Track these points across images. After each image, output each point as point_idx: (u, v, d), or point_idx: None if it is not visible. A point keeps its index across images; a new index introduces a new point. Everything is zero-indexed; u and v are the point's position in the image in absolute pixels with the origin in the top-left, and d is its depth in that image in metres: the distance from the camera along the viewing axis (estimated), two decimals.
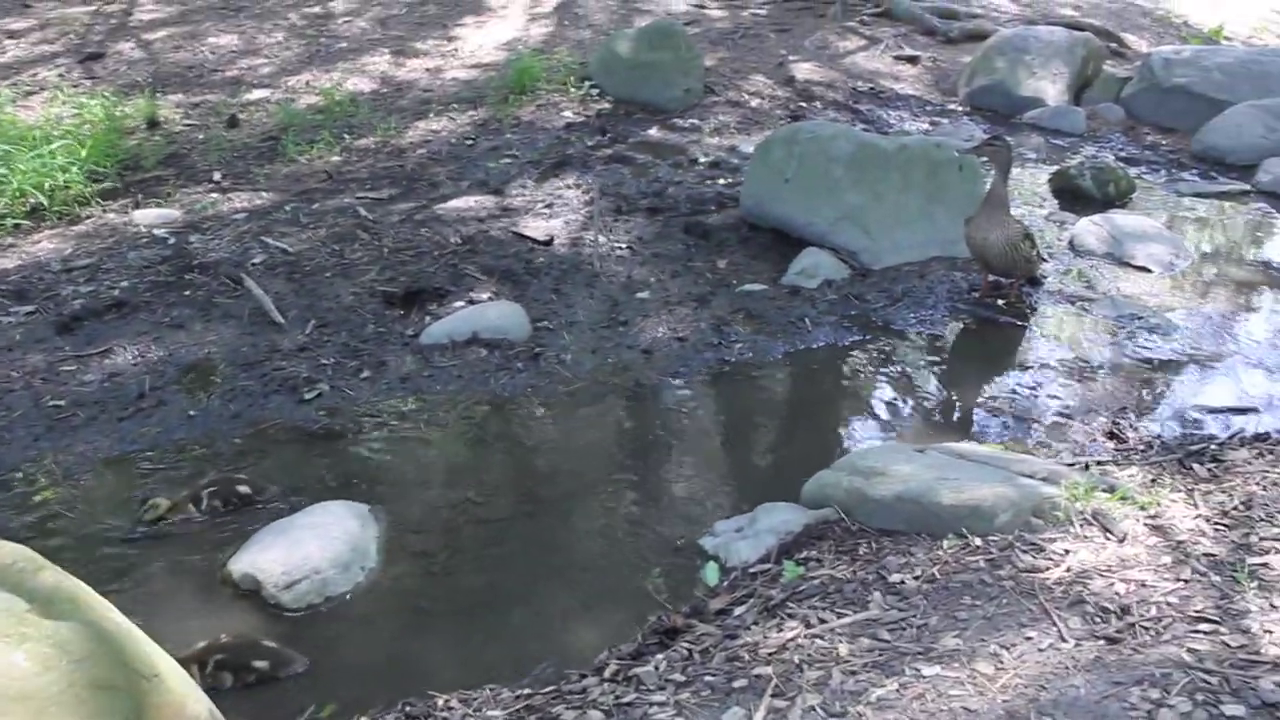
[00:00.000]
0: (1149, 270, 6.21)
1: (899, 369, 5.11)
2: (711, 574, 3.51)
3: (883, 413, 4.75)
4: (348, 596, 3.50)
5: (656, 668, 2.98)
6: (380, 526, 3.80)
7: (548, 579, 3.63)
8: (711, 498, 4.05)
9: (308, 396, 4.61)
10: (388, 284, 5.48)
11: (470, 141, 7.57)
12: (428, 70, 9.13)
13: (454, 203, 6.46)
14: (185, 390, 4.66)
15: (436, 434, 4.43)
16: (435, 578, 3.63)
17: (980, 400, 4.84)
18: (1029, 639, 2.75)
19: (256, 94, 8.41)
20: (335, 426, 4.44)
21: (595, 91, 8.60)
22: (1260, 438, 4.42)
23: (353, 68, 9.08)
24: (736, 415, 4.72)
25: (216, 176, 6.86)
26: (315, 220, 6.15)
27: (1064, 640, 2.72)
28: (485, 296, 5.40)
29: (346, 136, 7.54)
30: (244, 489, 3.92)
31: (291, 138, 7.33)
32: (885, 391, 4.91)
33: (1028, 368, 5.10)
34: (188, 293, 5.37)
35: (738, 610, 3.26)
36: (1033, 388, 4.92)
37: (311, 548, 3.51)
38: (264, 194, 6.58)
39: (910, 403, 4.82)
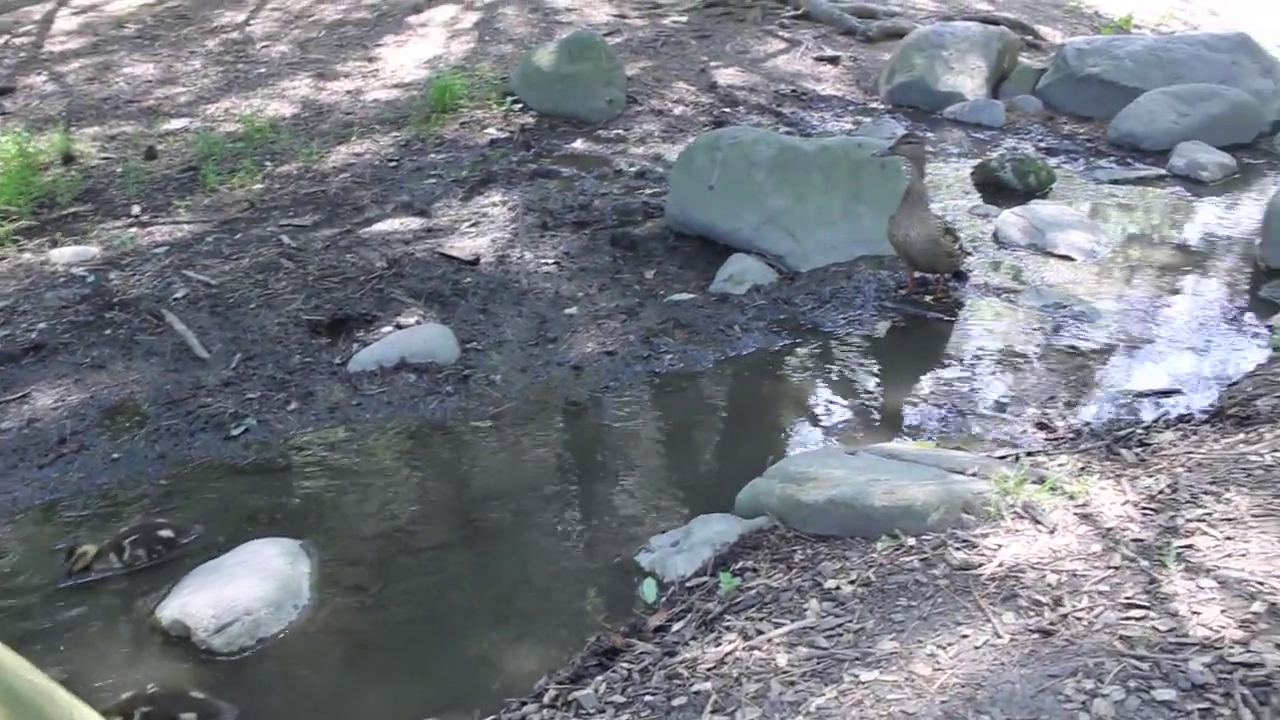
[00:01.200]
0: (1072, 259, 6.29)
1: (830, 371, 5.13)
2: (649, 590, 3.50)
3: (815, 416, 4.76)
4: (281, 636, 3.44)
5: (596, 690, 2.97)
6: (312, 562, 3.74)
7: (485, 605, 3.59)
8: (647, 513, 4.04)
9: (234, 432, 4.53)
10: (313, 312, 5.41)
11: (394, 163, 7.51)
12: (349, 92, 9.05)
13: (379, 226, 6.40)
14: (108, 433, 4.56)
15: (367, 463, 4.37)
16: (370, 611, 3.58)
17: (911, 398, 4.87)
18: (965, 637, 2.77)
19: (175, 124, 8.29)
20: (264, 461, 4.37)
21: (518, 106, 8.57)
22: (1184, 419, 4.50)
23: (273, 93, 8.98)
24: (669, 427, 4.71)
25: (135, 210, 6.73)
26: (238, 250, 6.07)
27: (999, 636, 2.74)
28: (412, 320, 5.35)
29: (268, 163, 7.45)
30: (166, 533, 3.84)
31: (212, 167, 7.23)
32: (817, 395, 4.92)
33: (957, 362, 5.14)
34: (108, 332, 5.27)
35: (676, 626, 3.25)
36: (962, 382, 4.96)
37: (241, 588, 3.45)
38: (185, 226, 6.47)
39: (842, 405, 4.84)
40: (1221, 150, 8.19)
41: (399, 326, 5.30)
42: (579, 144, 8.03)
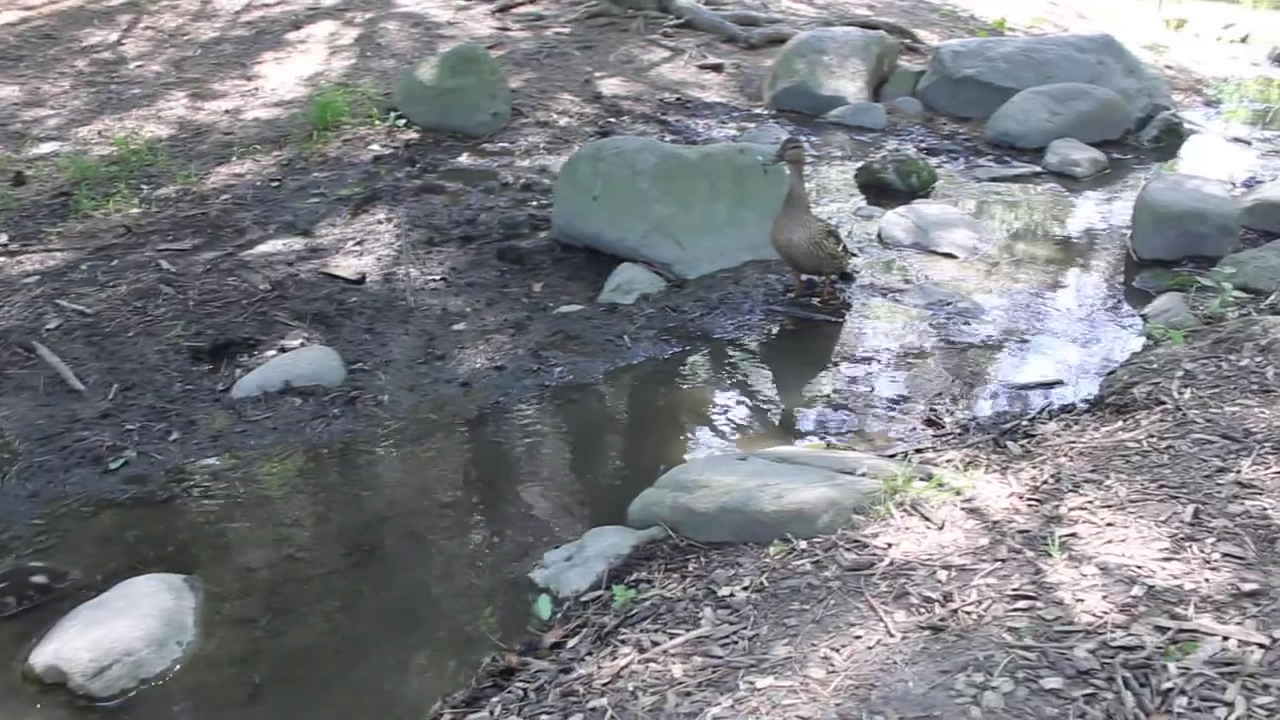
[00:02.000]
0: (955, 256, 6.43)
1: (720, 377, 5.14)
2: (544, 607, 3.45)
3: (707, 423, 4.77)
4: (165, 676, 3.30)
5: (491, 712, 2.92)
6: (198, 597, 3.60)
7: (378, 631, 3.51)
8: (541, 528, 3.99)
9: (113, 466, 4.37)
10: (194, 338, 5.26)
11: (276, 183, 7.35)
12: (228, 112, 8.85)
13: (261, 248, 6.25)
14: None
15: (254, 491, 4.25)
16: (260, 643, 3.47)
17: (801, 400, 4.90)
18: (858, 638, 2.78)
19: (44, 148, 8.00)
20: (144, 495, 4.21)
21: (402, 122, 8.46)
22: (1067, 409, 4.61)
23: (148, 114, 8.73)
24: (561, 441, 4.67)
25: (3, 239, 6.48)
26: (114, 277, 5.87)
27: (891, 634, 2.76)
28: (297, 343, 5.23)
29: (145, 187, 7.23)
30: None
31: (85, 192, 6.98)
32: (708, 402, 4.93)
33: (845, 363, 5.20)
34: None
35: (572, 642, 3.21)
36: (851, 382, 5.01)
37: (121, 628, 3.32)
38: (57, 254, 6.24)
39: (733, 410, 4.85)
40: (1092, 147, 8.47)
41: (283, 350, 5.18)
42: (464, 158, 7.96)
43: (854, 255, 6.11)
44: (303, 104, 8.80)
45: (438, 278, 5.92)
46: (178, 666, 3.35)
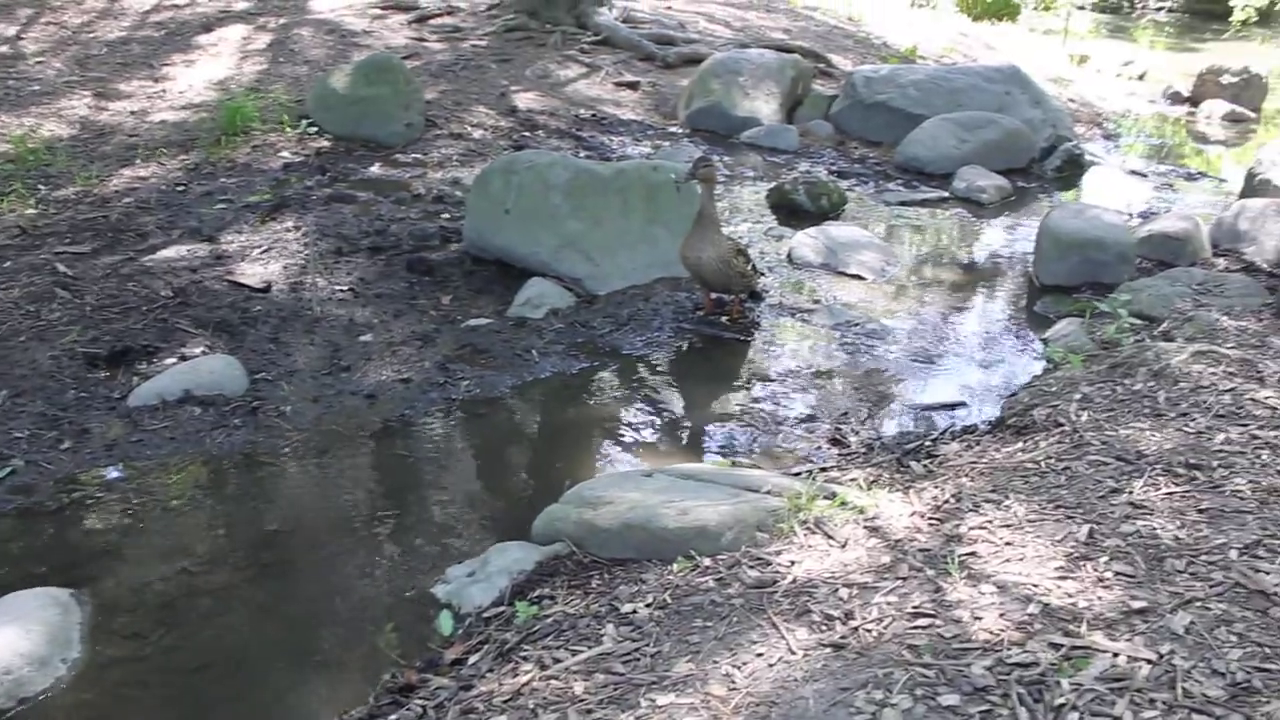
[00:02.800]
0: (864, 278, 6.51)
1: (628, 393, 5.14)
2: (446, 623, 3.40)
3: (613, 439, 4.76)
4: (47, 694, 3.18)
5: None
6: (85, 611, 3.48)
7: (274, 647, 3.43)
8: (445, 543, 3.93)
9: None
10: (91, 344, 5.11)
11: (181, 187, 7.19)
12: (133, 113, 8.64)
13: (164, 253, 6.10)
14: None
15: (148, 502, 4.13)
16: (150, 660, 3.36)
17: (709, 418, 4.92)
18: (760, 655, 2.78)
19: None
20: (32, 505, 4.05)
21: (314, 130, 8.34)
22: (969, 430, 4.69)
23: (48, 112, 8.49)
24: (466, 455, 4.62)
25: None
26: (7, 280, 5.68)
27: (793, 652, 2.77)
28: (199, 351, 5.11)
29: (42, 187, 7.03)
30: None
31: None
32: (616, 417, 4.92)
33: (753, 381, 5.23)
34: None
35: (473, 659, 3.17)
36: (759, 400, 5.04)
37: (1, 645, 3.20)
38: None
39: (641, 426, 4.85)
40: (998, 174, 8.67)
41: (184, 358, 5.06)
42: (376, 168, 7.87)
43: (762, 275, 6.15)
44: (212, 108, 8.64)
45: (345, 288, 5.83)
46: (62, 685, 3.23)
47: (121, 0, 11.88)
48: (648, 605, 3.14)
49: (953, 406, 5.08)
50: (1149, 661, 2.49)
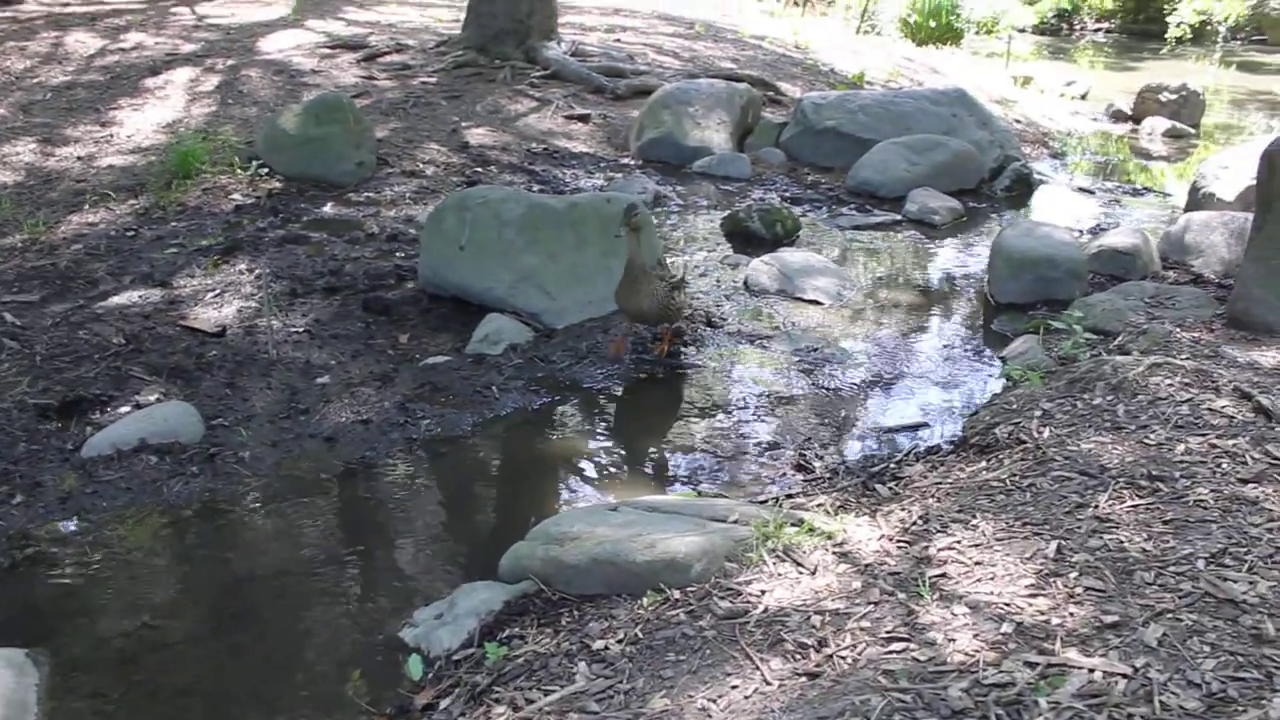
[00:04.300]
0: (820, 303, 6.53)
1: (590, 427, 5.11)
2: (415, 667, 3.35)
3: (577, 474, 4.72)
4: None
5: None
6: (43, 672, 3.38)
7: (241, 699, 3.34)
8: (411, 586, 3.87)
9: None
10: (41, 395, 5.01)
11: (131, 232, 7.10)
12: (80, 158, 8.54)
13: (115, 299, 6.02)
14: None
15: (105, 556, 4.03)
16: (113, 719, 3.29)
17: (672, 448, 4.90)
18: (735, 687, 2.76)
19: None
20: None
21: (264, 171, 8.28)
22: (932, 450, 4.71)
23: None
24: (430, 496, 4.56)
25: None
26: None
27: (767, 682, 2.75)
28: (153, 398, 5.03)
29: None
30: None
31: None
32: (579, 452, 4.88)
33: (715, 410, 5.22)
34: None
35: (444, 703, 3.12)
36: (721, 429, 5.03)
37: None
38: None
39: (604, 460, 4.82)
40: (949, 196, 8.75)
41: (138, 406, 4.97)
42: (329, 208, 7.82)
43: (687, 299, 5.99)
44: (161, 152, 8.55)
45: (301, 330, 5.77)
46: None
47: (66, 45, 11.79)
48: (619, 641, 3.11)
49: (915, 428, 5.09)
50: (1125, 676, 2.49)
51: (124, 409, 4.95)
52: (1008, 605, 2.90)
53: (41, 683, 3.35)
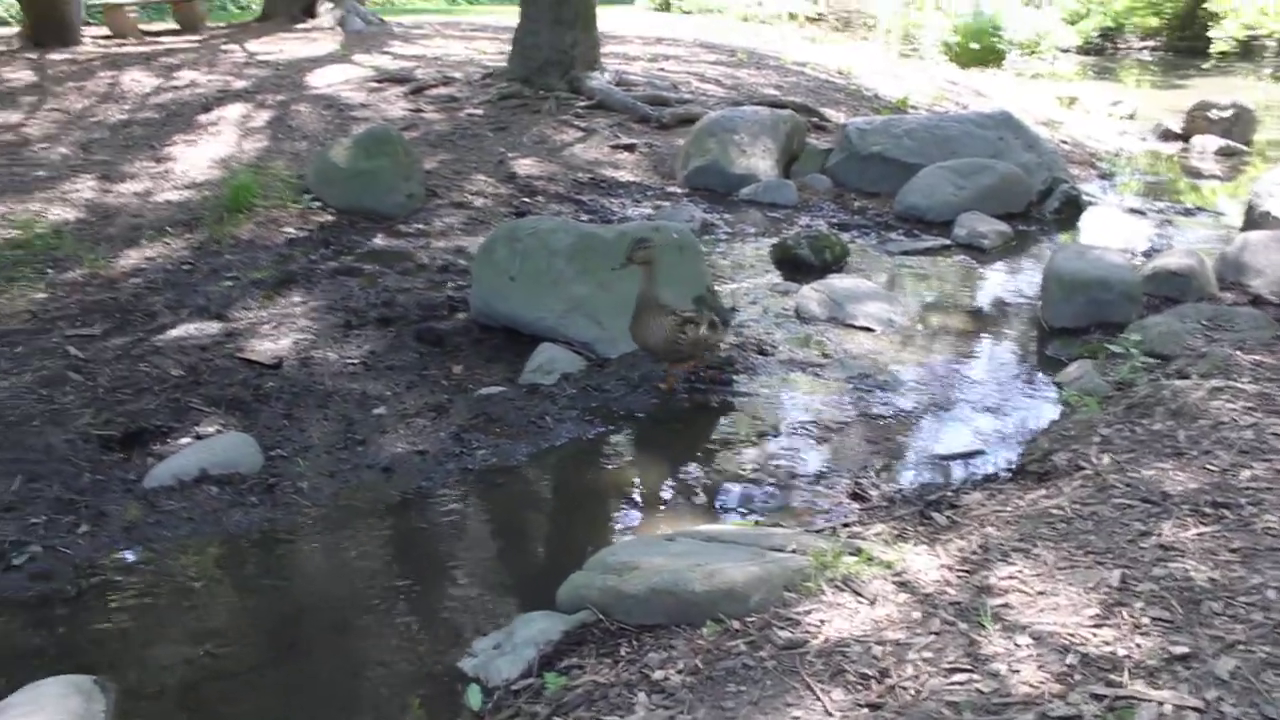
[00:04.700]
0: (871, 329, 6.52)
1: (645, 456, 5.12)
2: (474, 697, 3.36)
3: (633, 503, 4.73)
4: None
5: None
6: (110, 699, 3.43)
7: None
8: (469, 615, 3.89)
9: (16, 561, 4.17)
10: (104, 427, 5.10)
11: (188, 266, 7.22)
12: (137, 194, 8.71)
13: (174, 332, 6.12)
14: None
15: (169, 585, 4.09)
16: None
17: (727, 477, 4.89)
18: (796, 718, 2.75)
19: None
20: (51, 591, 4.02)
21: (316, 204, 8.40)
22: (990, 478, 4.67)
23: (53, 196, 8.55)
24: (487, 525, 4.59)
25: None
26: (18, 365, 5.69)
27: (829, 714, 2.73)
28: (213, 430, 5.10)
29: (50, 271, 7.05)
30: None
31: None
32: (634, 481, 4.90)
33: (770, 438, 5.21)
34: None
35: None
36: (776, 458, 5.02)
37: None
38: None
39: (660, 489, 4.82)
40: (998, 219, 8.71)
41: (198, 437, 5.05)
42: (379, 240, 7.91)
43: (723, 325, 5.84)
44: (215, 186, 8.71)
45: (356, 361, 5.84)
46: None
47: (122, 84, 12.04)
48: (679, 671, 3.10)
49: (971, 455, 5.05)
50: (1196, 710, 2.45)
51: (184, 440, 5.03)
52: (1072, 636, 2.86)
53: (109, 709, 3.40)
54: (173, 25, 17.94)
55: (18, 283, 6.79)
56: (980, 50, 19.72)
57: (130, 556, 4.27)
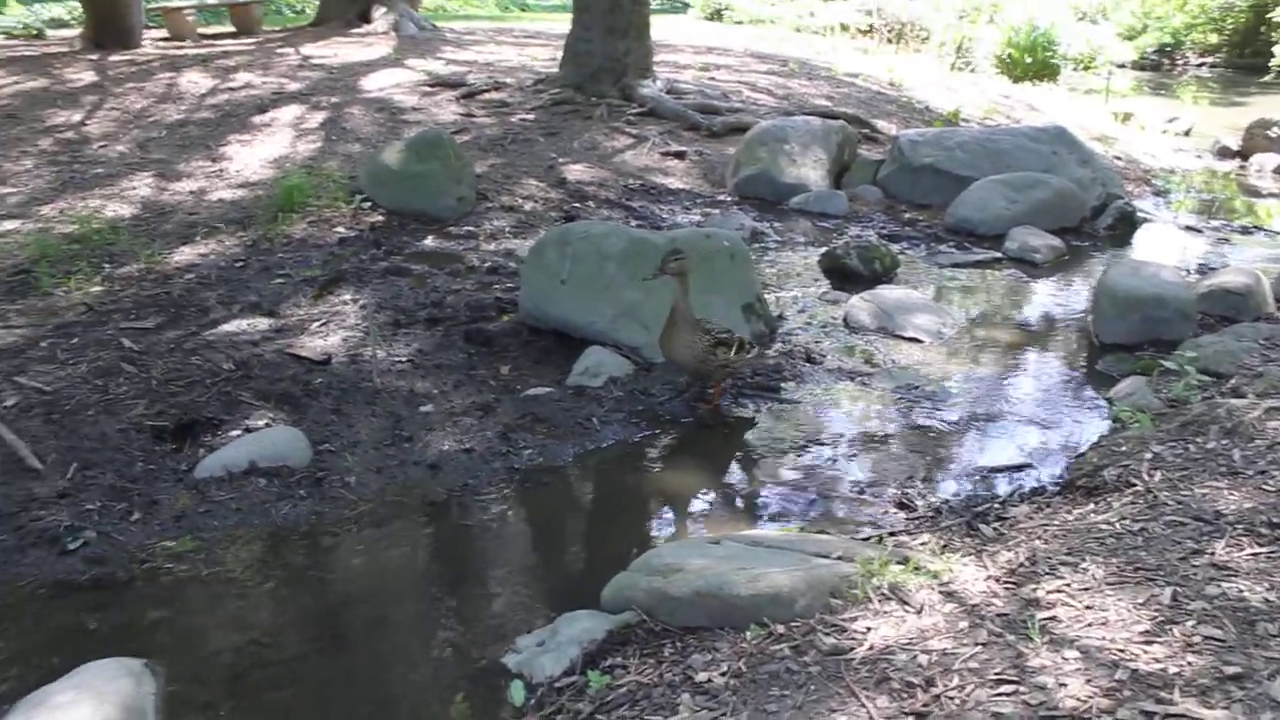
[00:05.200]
0: (920, 340, 6.48)
1: (691, 460, 5.12)
2: (517, 693, 3.37)
3: (678, 507, 4.73)
4: None
5: None
6: (158, 682, 3.48)
7: (346, 718, 3.42)
8: (513, 612, 3.91)
9: (71, 546, 4.25)
10: (157, 417, 5.17)
11: (241, 263, 7.31)
12: (193, 192, 8.83)
13: (225, 327, 6.20)
14: None
15: (217, 573, 4.15)
16: None
17: (773, 484, 4.88)
18: None
19: (5, 225, 7.93)
20: (104, 576, 4.10)
21: (367, 205, 8.48)
22: (1037, 491, 4.62)
23: (111, 193, 8.70)
24: (531, 524, 4.61)
25: None
26: (75, 355, 5.78)
27: None
28: (262, 423, 5.16)
29: (107, 265, 7.17)
30: None
31: (46, 269, 6.91)
32: (679, 485, 4.90)
33: (815, 446, 5.20)
34: None
35: None
36: (822, 465, 5.01)
37: (76, 716, 3.20)
38: (16, 331, 6.15)
39: (706, 493, 4.82)
40: (1050, 234, 8.63)
41: (248, 430, 5.11)
42: (430, 241, 7.97)
43: (753, 349, 5.72)
44: (268, 186, 8.81)
45: (404, 359, 5.88)
46: None
47: (180, 85, 12.23)
48: (723, 674, 3.10)
49: (1018, 468, 5.01)
50: None
51: (234, 432, 5.09)
52: (1121, 651, 2.83)
53: (158, 692, 3.45)
54: (229, 28, 18.19)
55: (75, 276, 6.91)
56: (1034, 64, 19.55)
57: (181, 545, 4.33)
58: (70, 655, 3.63)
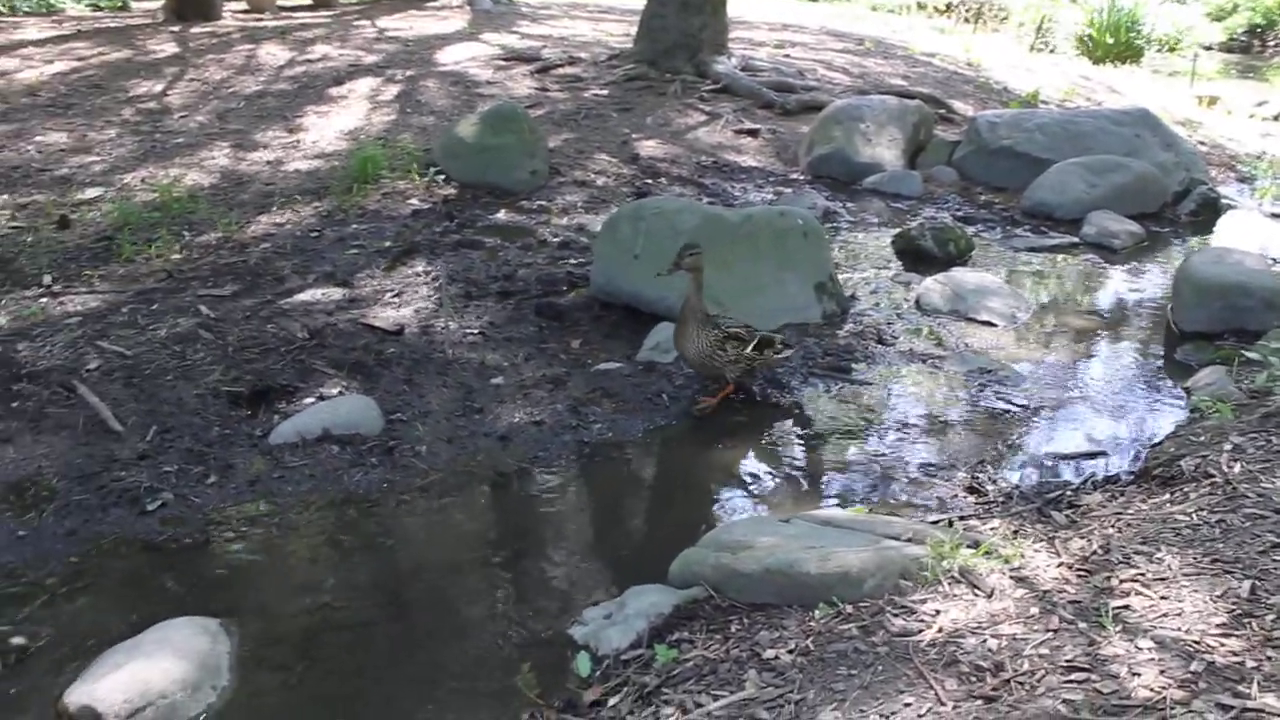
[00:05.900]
0: (993, 324, 6.40)
1: (761, 438, 5.11)
2: (584, 665, 3.40)
3: (747, 484, 4.73)
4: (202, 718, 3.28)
5: None
6: (233, 641, 3.58)
7: (414, 684, 3.47)
8: (579, 584, 3.95)
9: (150, 507, 4.36)
10: (233, 384, 5.27)
11: (315, 233, 7.40)
12: (269, 163, 8.95)
13: (300, 296, 6.28)
14: (14, 510, 4.34)
15: (290, 537, 4.23)
16: (294, 691, 3.43)
17: (843, 463, 4.86)
18: (908, 705, 2.72)
19: (89, 193, 8.10)
20: (181, 537, 4.20)
21: (441, 177, 8.53)
22: (1111, 480, 4.56)
23: (191, 162, 8.84)
24: (600, 497, 4.64)
25: (47, 280, 6.52)
26: (155, 321, 5.90)
27: (942, 703, 2.70)
28: (335, 391, 5.23)
29: (186, 234, 7.30)
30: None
31: (127, 237, 7.05)
32: (749, 462, 4.89)
33: (887, 428, 5.16)
34: (15, 404, 5.05)
35: (612, 701, 3.16)
36: (892, 447, 4.97)
37: (156, 670, 3.29)
38: (99, 296, 6.29)
39: (774, 472, 4.81)
40: (1130, 219, 8.45)
41: (321, 398, 5.18)
42: (502, 214, 8.00)
43: (786, 348, 5.54)
44: (343, 157, 8.90)
45: (476, 331, 5.93)
46: (212, 711, 3.32)
47: (258, 57, 12.37)
48: (790, 651, 3.10)
49: (1092, 456, 4.94)
50: None
51: (308, 400, 5.17)
52: (1197, 643, 2.79)
53: (232, 651, 3.55)
54: (307, 1, 18.35)
55: (156, 243, 7.04)
56: (1116, 45, 19.11)
57: (255, 508, 4.42)
58: (147, 613, 3.73)
